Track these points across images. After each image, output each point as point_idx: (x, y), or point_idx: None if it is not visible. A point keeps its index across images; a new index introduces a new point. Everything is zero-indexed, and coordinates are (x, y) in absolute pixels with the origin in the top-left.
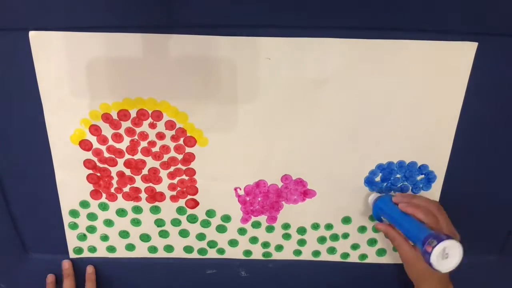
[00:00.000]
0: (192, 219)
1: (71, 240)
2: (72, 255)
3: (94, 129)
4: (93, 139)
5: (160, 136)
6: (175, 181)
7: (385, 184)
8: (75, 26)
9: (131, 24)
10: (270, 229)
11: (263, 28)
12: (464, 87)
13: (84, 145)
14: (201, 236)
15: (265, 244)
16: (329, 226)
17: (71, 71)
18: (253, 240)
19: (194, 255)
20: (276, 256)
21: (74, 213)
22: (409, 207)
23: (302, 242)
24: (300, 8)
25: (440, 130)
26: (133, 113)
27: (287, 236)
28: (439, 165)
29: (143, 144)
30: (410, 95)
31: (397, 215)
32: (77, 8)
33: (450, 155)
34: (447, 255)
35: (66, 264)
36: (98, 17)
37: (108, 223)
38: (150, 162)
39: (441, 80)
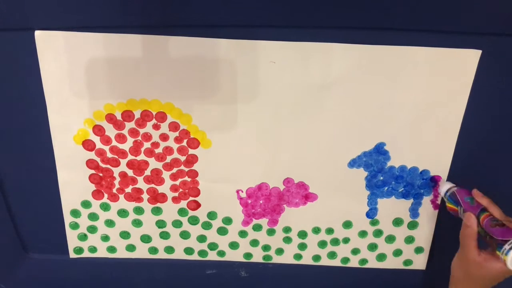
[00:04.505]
0: (193, 220)
1: (72, 240)
2: (72, 255)
3: (98, 130)
4: (96, 139)
5: (164, 137)
6: (177, 182)
7: (386, 188)
8: (82, 26)
9: (138, 25)
10: (271, 232)
11: (267, 28)
12: (467, 94)
13: (87, 145)
14: (201, 238)
15: (266, 247)
16: (330, 230)
17: (76, 71)
18: (254, 243)
19: (195, 256)
20: (277, 259)
21: (75, 213)
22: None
23: (302, 246)
24: (303, 8)
25: (442, 136)
26: (137, 114)
27: (287, 240)
28: (441, 171)
29: (147, 145)
30: (413, 101)
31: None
32: (84, 8)
33: (451, 161)
34: None
35: None
36: (104, 17)
37: (109, 223)
38: (153, 163)
39: (444, 87)
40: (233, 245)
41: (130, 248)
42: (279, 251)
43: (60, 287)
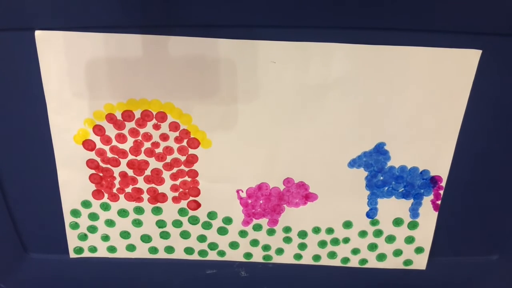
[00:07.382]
0: (194, 220)
1: (72, 240)
2: (72, 255)
3: (98, 129)
4: (96, 139)
5: (164, 137)
6: (177, 182)
7: (386, 188)
8: (82, 26)
9: (138, 25)
10: (271, 232)
11: (267, 28)
12: (467, 94)
13: (88, 145)
14: (202, 238)
15: (266, 247)
16: (330, 230)
17: (76, 71)
18: (254, 243)
19: (195, 256)
20: (277, 259)
21: (75, 213)
22: None
23: (302, 246)
24: (303, 8)
25: (442, 136)
26: (137, 114)
27: (288, 240)
28: (441, 171)
29: (147, 145)
30: (413, 101)
31: None
32: (84, 8)
33: (452, 160)
34: None
35: None
36: (104, 17)
37: (109, 223)
38: (153, 163)
39: (444, 87)
40: (233, 245)
41: (130, 248)
42: (279, 251)
43: (60, 287)
